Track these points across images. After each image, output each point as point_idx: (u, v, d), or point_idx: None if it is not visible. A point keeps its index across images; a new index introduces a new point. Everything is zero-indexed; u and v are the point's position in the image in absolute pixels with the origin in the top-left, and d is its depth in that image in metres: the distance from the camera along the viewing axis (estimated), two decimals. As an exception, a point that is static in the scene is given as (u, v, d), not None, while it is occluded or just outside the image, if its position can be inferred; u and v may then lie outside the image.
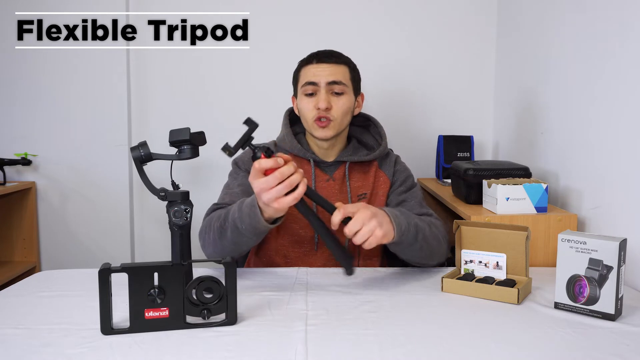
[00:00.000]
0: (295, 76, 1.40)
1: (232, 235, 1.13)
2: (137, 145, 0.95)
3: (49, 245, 2.32)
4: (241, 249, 1.18)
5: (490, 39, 2.21)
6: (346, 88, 1.34)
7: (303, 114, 1.35)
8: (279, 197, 1.00)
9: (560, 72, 1.60)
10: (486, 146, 2.26)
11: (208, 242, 1.21)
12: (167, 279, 0.89)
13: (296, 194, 1.01)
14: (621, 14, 1.29)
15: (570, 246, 0.99)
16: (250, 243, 1.16)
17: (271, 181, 0.99)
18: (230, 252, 1.18)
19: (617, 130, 1.30)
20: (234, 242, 1.14)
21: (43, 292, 1.10)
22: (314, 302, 1.04)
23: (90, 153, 2.26)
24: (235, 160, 1.40)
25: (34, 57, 2.21)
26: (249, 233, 1.11)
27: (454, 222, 1.17)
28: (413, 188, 1.41)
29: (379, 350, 0.82)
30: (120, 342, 0.85)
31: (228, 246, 1.16)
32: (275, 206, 1.01)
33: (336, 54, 1.38)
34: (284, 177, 1.00)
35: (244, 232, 1.11)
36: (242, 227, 1.10)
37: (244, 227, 1.10)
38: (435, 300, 1.07)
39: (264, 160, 1.00)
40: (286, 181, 1.00)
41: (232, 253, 1.18)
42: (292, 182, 1.00)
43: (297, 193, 1.01)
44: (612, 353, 0.82)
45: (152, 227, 2.31)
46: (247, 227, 1.09)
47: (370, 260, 1.38)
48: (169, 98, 2.25)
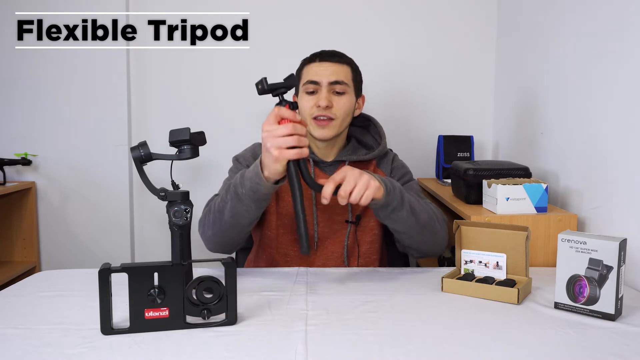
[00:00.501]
0: (297, 74, 1.40)
1: (231, 205, 1.13)
2: (137, 145, 0.95)
3: (49, 245, 2.32)
4: (239, 222, 1.16)
5: (490, 39, 2.21)
6: (348, 88, 1.34)
7: (303, 111, 1.35)
8: (282, 147, 1.01)
9: (560, 72, 1.60)
10: (486, 146, 2.26)
11: (207, 225, 1.21)
12: (167, 279, 0.89)
13: (300, 150, 1.02)
14: (621, 14, 1.29)
15: (570, 246, 0.98)
16: (249, 214, 1.14)
17: (283, 130, 1.01)
18: (228, 228, 1.17)
19: (617, 130, 1.30)
20: (233, 213, 1.14)
21: (43, 292, 1.10)
22: (314, 302, 1.04)
23: (90, 153, 2.26)
24: (237, 157, 1.41)
25: (34, 57, 2.20)
26: (249, 199, 1.10)
27: (454, 222, 1.17)
28: (410, 182, 1.41)
29: (379, 350, 0.82)
30: (120, 342, 0.85)
31: (226, 221, 1.16)
32: (276, 154, 1.01)
33: (339, 53, 1.38)
34: (296, 131, 1.02)
35: (244, 198, 1.11)
36: (242, 191, 1.10)
37: (244, 191, 1.10)
38: (435, 300, 1.07)
39: (284, 109, 1.03)
40: (296, 136, 1.02)
41: (230, 231, 1.18)
42: (301, 140, 1.02)
43: (301, 150, 1.03)
44: (612, 353, 0.82)
45: (152, 227, 2.31)
46: (248, 191, 1.09)
47: (370, 261, 1.38)
48: (169, 98, 2.25)
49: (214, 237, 1.21)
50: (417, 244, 1.26)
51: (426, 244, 1.26)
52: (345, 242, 1.35)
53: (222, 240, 1.22)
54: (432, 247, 1.27)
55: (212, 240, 1.23)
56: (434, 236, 1.26)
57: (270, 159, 1.04)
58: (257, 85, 1.05)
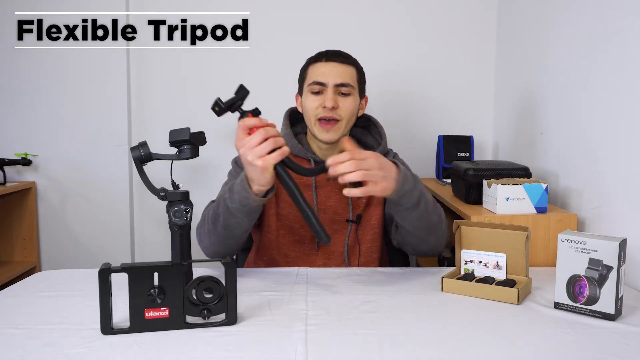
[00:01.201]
0: (302, 74, 1.40)
1: (223, 218, 1.13)
2: (137, 145, 0.95)
3: (49, 245, 2.32)
4: (233, 233, 1.16)
5: (490, 39, 2.21)
6: (353, 90, 1.34)
7: (307, 111, 1.34)
8: (263, 155, 1.00)
9: (560, 73, 1.60)
10: (486, 146, 2.26)
11: (203, 234, 1.22)
12: (167, 279, 0.89)
13: (281, 150, 1.01)
14: (621, 14, 1.29)
15: (570, 246, 0.98)
16: (241, 226, 1.14)
17: (256, 137, 1.00)
18: (224, 238, 1.17)
19: (617, 130, 1.30)
20: (225, 225, 1.14)
21: (43, 292, 1.10)
22: (314, 302, 1.04)
23: (90, 153, 2.26)
24: (235, 159, 1.41)
25: (34, 57, 2.20)
26: (239, 212, 1.10)
27: (454, 222, 1.17)
28: None
29: (379, 350, 0.82)
30: (120, 342, 0.85)
31: (221, 232, 1.16)
32: (260, 164, 1.00)
33: (345, 54, 1.37)
34: (269, 135, 1.00)
35: (234, 212, 1.10)
36: (232, 205, 1.10)
37: (234, 205, 1.09)
38: (435, 300, 1.06)
39: (248, 119, 1.01)
40: (271, 139, 1.00)
41: (225, 241, 1.18)
42: (278, 141, 1.01)
43: (282, 150, 1.01)
44: (612, 353, 0.82)
45: (152, 227, 2.31)
46: (237, 205, 1.09)
47: (371, 260, 1.38)
48: (169, 98, 2.25)
49: (212, 247, 1.22)
50: (418, 243, 1.25)
51: (427, 245, 1.26)
52: (346, 240, 1.35)
53: (219, 249, 1.22)
54: (431, 249, 1.27)
55: (209, 249, 1.23)
56: (437, 239, 1.25)
57: (256, 172, 1.02)
58: (213, 109, 1.02)
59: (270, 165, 1.01)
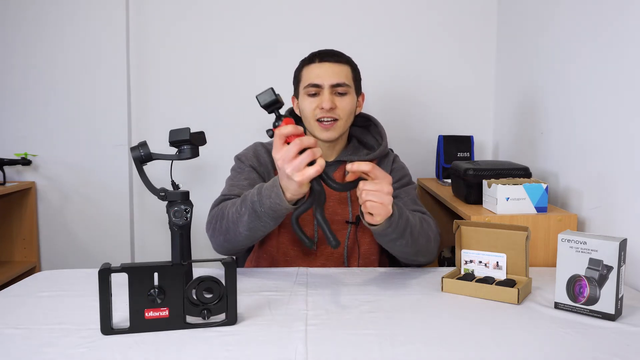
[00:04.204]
0: (296, 76, 1.40)
1: (249, 220, 1.11)
2: (137, 145, 0.95)
3: (49, 245, 2.32)
4: (255, 235, 1.15)
5: (490, 39, 2.21)
6: (349, 89, 1.34)
7: (305, 114, 1.35)
8: (301, 169, 0.97)
9: (560, 72, 1.60)
10: (486, 146, 2.26)
11: (219, 230, 1.19)
12: (167, 279, 0.89)
13: (319, 164, 0.98)
14: (621, 14, 1.29)
15: (570, 246, 0.99)
16: (265, 229, 1.13)
17: (292, 149, 0.97)
18: (243, 239, 1.16)
19: (617, 130, 1.30)
20: (250, 227, 1.12)
21: (43, 292, 1.10)
22: (314, 302, 1.04)
23: (90, 153, 2.26)
24: (238, 156, 1.40)
25: (34, 57, 2.21)
26: (268, 217, 1.08)
27: (454, 222, 1.17)
28: (408, 186, 1.41)
29: (379, 350, 0.82)
30: (120, 342, 0.85)
31: (242, 232, 1.14)
32: (298, 179, 0.98)
33: (338, 53, 1.37)
34: (304, 145, 0.98)
35: (262, 216, 1.09)
36: (261, 210, 1.08)
37: (264, 209, 1.07)
38: (435, 300, 1.07)
39: (284, 127, 0.99)
40: (308, 151, 0.98)
41: (244, 241, 1.17)
42: (315, 152, 0.98)
43: (320, 164, 0.98)
44: (612, 353, 0.82)
45: (152, 227, 2.31)
46: (267, 210, 1.07)
47: (369, 261, 1.38)
48: (169, 98, 2.25)
49: (226, 244, 1.20)
50: (407, 262, 1.27)
51: (416, 263, 1.27)
52: (345, 242, 1.35)
53: (232, 247, 1.21)
54: (420, 263, 1.28)
55: (223, 245, 1.22)
56: (427, 258, 1.26)
57: (293, 185, 1.00)
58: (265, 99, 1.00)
59: (307, 181, 0.99)
